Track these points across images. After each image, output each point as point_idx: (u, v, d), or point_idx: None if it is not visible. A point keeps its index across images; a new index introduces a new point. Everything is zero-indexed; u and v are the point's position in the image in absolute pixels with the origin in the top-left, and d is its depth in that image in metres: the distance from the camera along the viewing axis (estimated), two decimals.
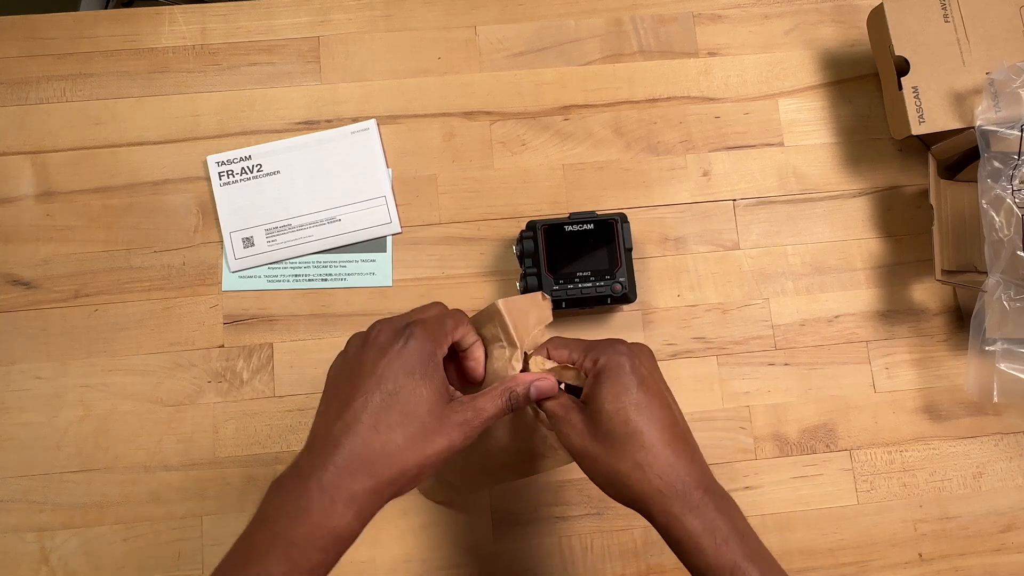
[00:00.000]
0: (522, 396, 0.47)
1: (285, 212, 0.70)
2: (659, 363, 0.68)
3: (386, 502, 0.43)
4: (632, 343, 0.50)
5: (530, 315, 0.51)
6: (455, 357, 0.50)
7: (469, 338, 0.50)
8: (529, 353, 0.51)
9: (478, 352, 0.50)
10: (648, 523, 0.47)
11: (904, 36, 0.67)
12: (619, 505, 0.65)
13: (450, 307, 0.53)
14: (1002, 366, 0.62)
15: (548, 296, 0.53)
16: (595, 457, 0.47)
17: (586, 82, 0.73)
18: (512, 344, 0.50)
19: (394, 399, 0.43)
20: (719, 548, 0.44)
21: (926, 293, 0.71)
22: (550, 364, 0.51)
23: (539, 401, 0.49)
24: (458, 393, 0.47)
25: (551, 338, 0.52)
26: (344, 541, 0.42)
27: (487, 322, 0.51)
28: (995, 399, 0.62)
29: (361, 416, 0.43)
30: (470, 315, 0.51)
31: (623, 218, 0.67)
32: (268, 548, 0.41)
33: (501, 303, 0.50)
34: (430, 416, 0.44)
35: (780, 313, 0.70)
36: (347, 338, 0.67)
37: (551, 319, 0.52)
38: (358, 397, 0.43)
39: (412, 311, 0.49)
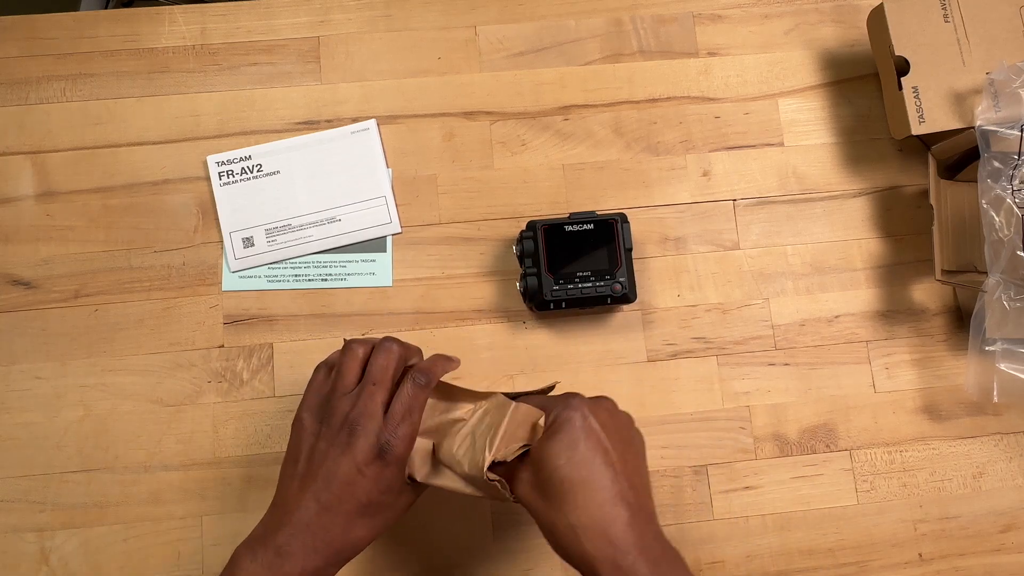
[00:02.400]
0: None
1: (285, 212, 0.70)
2: (659, 363, 0.68)
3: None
4: (593, 397, 0.51)
5: (524, 427, 0.51)
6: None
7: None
8: (496, 459, 0.50)
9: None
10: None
11: (904, 36, 0.67)
12: None
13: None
14: (1002, 366, 0.62)
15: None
16: (536, 511, 0.48)
17: (586, 82, 0.73)
18: (489, 446, 0.50)
19: (366, 508, 0.50)
20: None
21: (926, 293, 0.71)
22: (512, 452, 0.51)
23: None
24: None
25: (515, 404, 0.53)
26: None
27: (479, 399, 0.54)
28: (995, 399, 0.62)
29: (334, 516, 0.50)
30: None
31: (623, 218, 0.67)
32: None
33: (516, 406, 0.52)
34: (390, 510, 0.52)
35: (780, 313, 0.70)
36: (348, 338, 0.67)
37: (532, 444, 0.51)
38: (332, 492, 0.50)
39: (371, 383, 0.52)
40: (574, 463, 0.47)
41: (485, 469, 0.49)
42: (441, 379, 0.54)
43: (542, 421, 0.50)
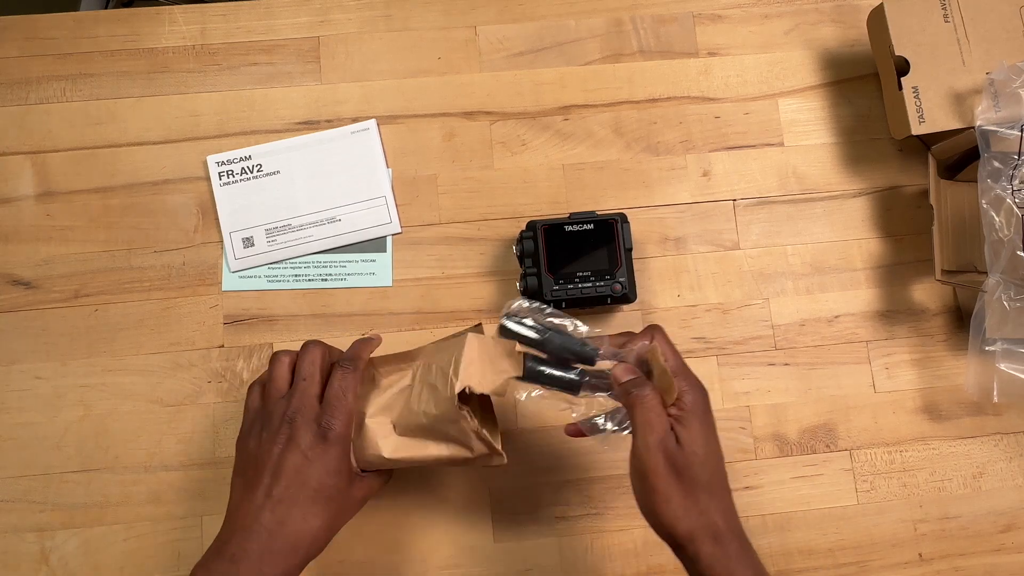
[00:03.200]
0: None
1: (285, 212, 0.70)
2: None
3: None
4: (699, 381, 0.53)
5: (497, 362, 0.53)
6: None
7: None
8: (468, 391, 0.51)
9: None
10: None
11: (904, 36, 0.67)
12: (620, 505, 0.66)
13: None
14: (1002, 366, 0.62)
15: (522, 352, 0.53)
16: (670, 495, 0.48)
17: (586, 82, 0.73)
18: (455, 375, 0.51)
19: (318, 494, 0.51)
20: None
21: (926, 293, 0.71)
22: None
23: (635, 405, 0.50)
24: (354, 465, 0.54)
25: (661, 331, 0.54)
26: None
27: (415, 357, 0.55)
28: (995, 399, 0.62)
29: (292, 509, 0.50)
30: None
31: (623, 218, 0.67)
32: None
33: (472, 337, 0.52)
34: (344, 499, 0.52)
35: (780, 313, 0.70)
36: (347, 338, 0.67)
37: (518, 373, 0.53)
38: (282, 489, 0.50)
39: (303, 378, 0.54)
40: (711, 452, 0.50)
41: (455, 394, 0.50)
42: (372, 357, 0.56)
43: (660, 362, 0.51)
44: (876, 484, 0.67)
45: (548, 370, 0.53)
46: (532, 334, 0.52)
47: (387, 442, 0.54)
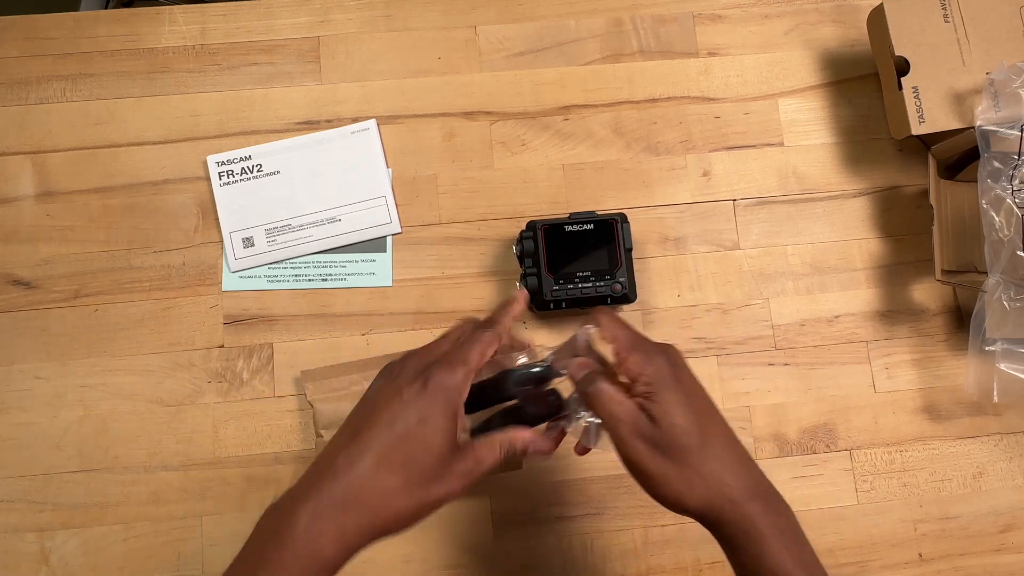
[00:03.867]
0: (519, 452, 0.47)
1: (285, 212, 0.70)
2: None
3: (375, 540, 0.44)
4: (661, 344, 0.49)
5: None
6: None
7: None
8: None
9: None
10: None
11: (904, 36, 0.67)
12: (620, 505, 0.66)
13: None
14: (1002, 366, 0.62)
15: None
16: (650, 467, 0.45)
17: (586, 82, 0.73)
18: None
19: (401, 443, 0.43)
20: (800, 547, 0.45)
21: (926, 293, 0.71)
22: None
23: (592, 404, 0.47)
24: (466, 437, 0.46)
25: (604, 312, 0.50)
26: (328, 571, 0.43)
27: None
28: (995, 399, 0.62)
29: (365, 454, 0.43)
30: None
31: (623, 218, 0.67)
32: (255, 569, 0.42)
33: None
34: (435, 464, 0.44)
35: (780, 313, 0.70)
36: (347, 338, 0.68)
37: None
38: (366, 433, 0.44)
39: (443, 340, 0.49)
40: (694, 416, 0.46)
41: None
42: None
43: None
44: (876, 484, 0.67)
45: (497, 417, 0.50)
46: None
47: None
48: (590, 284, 0.65)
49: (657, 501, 0.47)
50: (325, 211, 0.70)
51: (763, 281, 0.71)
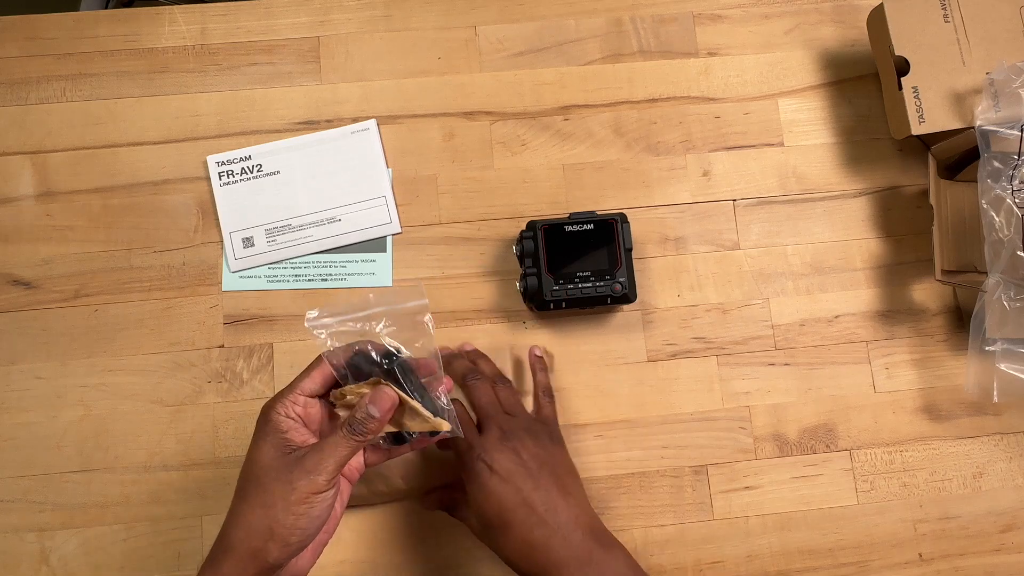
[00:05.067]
0: (362, 420, 0.49)
1: (285, 212, 0.70)
2: (659, 363, 0.68)
3: (292, 554, 0.48)
4: (499, 434, 0.57)
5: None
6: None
7: (333, 361, 0.52)
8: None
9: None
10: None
11: (904, 36, 0.67)
12: (619, 505, 0.66)
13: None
14: (1002, 366, 0.62)
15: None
16: (490, 543, 0.55)
17: (586, 82, 0.73)
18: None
19: (250, 475, 0.49)
20: None
21: (926, 293, 0.71)
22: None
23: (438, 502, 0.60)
24: (307, 443, 0.50)
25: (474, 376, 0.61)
26: None
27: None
28: (995, 399, 0.62)
29: (228, 516, 0.49)
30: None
31: (623, 218, 0.67)
32: None
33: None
34: (277, 472, 0.48)
35: (780, 313, 0.70)
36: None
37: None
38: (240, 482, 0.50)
39: None
40: (491, 507, 0.54)
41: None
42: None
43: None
44: (876, 484, 0.67)
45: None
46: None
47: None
48: (590, 284, 0.65)
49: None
50: (325, 211, 0.70)
51: (763, 281, 0.71)
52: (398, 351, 0.52)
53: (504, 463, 0.55)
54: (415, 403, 0.51)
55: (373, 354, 0.51)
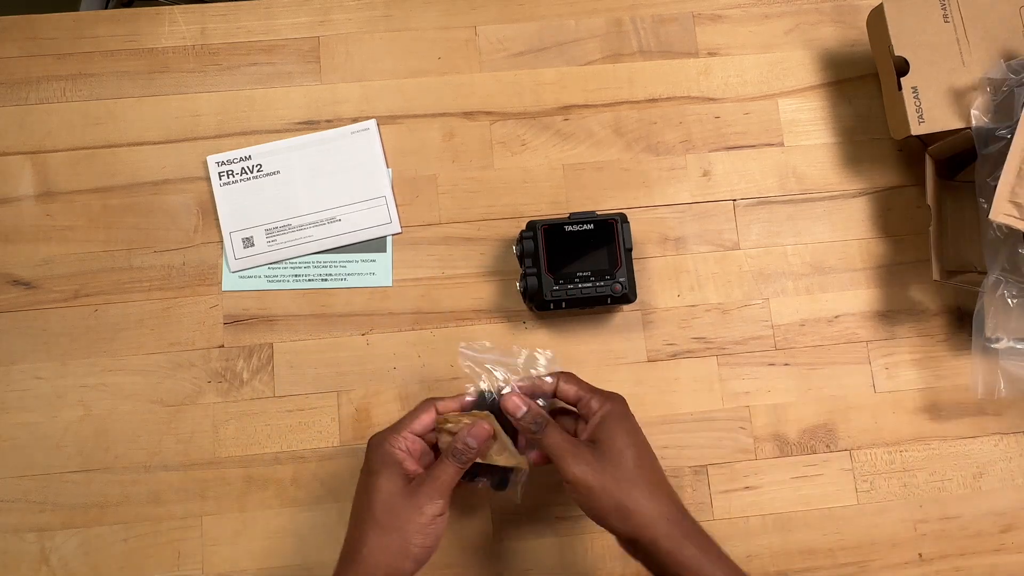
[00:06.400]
0: (462, 450, 0.54)
1: (285, 212, 0.70)
2: (659, 363, 0.69)
3: None
4: (614, 393, 0.58)
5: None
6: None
7: (442, 408, 0.58)
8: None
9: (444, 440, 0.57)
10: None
11: (904, 36, 0.67)
12: None
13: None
14: (1006, 363, 0.62)
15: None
16: (603, 488, 0.53)
17: (586, 82, 0.73)
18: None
19: (372, 505, 0.53)
20: (715, 564, 0.52)
21: (926, 293, 0.71)
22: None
23: (547, 438, 0.55)
24: (418, 472, 0.55)
25: (562, 373, 0.59)
26: None
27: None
28: (1002, 392, 0.62)
29: (351, 529, 0.54)
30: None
31: (623, 218, 0.67)
32: None
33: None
34: (399, 501, 0.53)
35: (780, 313, 0.70)
36: (347, 338, 0.68)
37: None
38: (352, 512, 0.55)
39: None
40: (640, 446, 0.55)
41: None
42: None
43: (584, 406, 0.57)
44: (876, 484, 0.67)
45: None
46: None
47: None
48: (590, 284, 0.65)
49: (591, 517, 0.54)
50: (325, 211, 0.70)
51: (763, 281, 0.71)
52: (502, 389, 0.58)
53: (636, 422, 0.57)
54: (506, 439, 0.57)
55: (486, 392, 0.58)
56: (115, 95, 0.71)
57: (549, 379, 0.58)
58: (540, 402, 0.58)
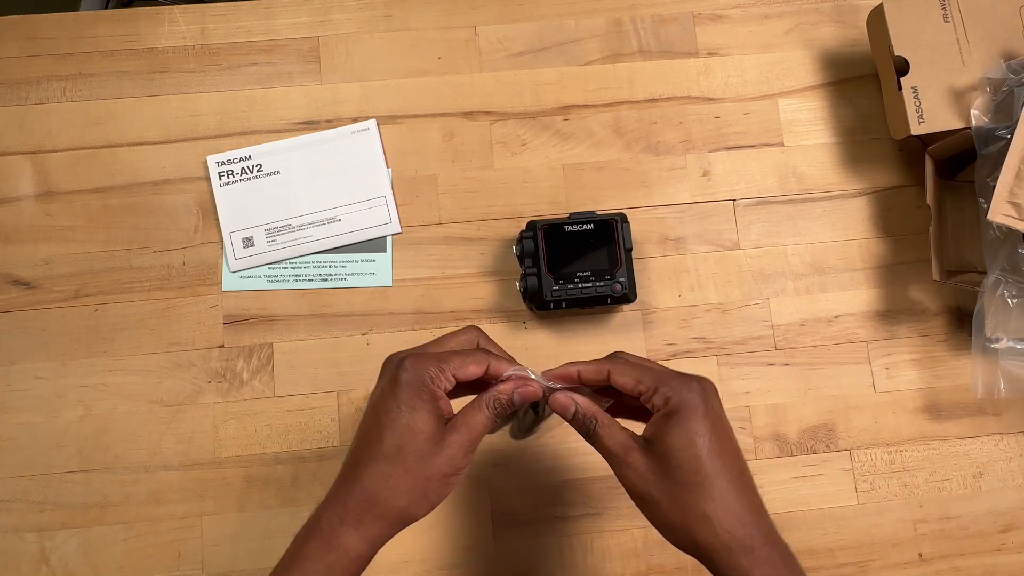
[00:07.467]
0: (506, 403, 0.48)
1: (285, 212, 0.70)
2: (659, 363, 0.68)
3: (400, 528, 0.47)
4: (700, 378, 0.48)
5: None
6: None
7: (493, 370, 0.49)
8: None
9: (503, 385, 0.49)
10: (649, 525, 0.46)
11: (904, 36, 0.67)
12: (620, 505, 0.66)
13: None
14: (1006, 363, 0.62)
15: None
16: (658, 503, 0.45)
17: (586, 82, 0.73)
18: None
19: (392, 434, 0.46)
20: None
21: (926, 293, 0.71)
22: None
23: (597, 440, 0.47)
24: (450, 414, 0.48)
25: (616, 357, 0.50)
26: (360, 563, 0.47)
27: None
28: (1002, 393, 0.62)
29: (367, 453, 0.46)
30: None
31: (623, 218, 0.67)
32: (290, 566, 0.46)
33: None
34: (427, 443, 0.46)
35: (780, 313, 0.70)
36: (347, 338, 0.68)
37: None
38: (365, 434, 0.47)
39: (439, 339, 0.50)
40: (707, 452, 0.44)
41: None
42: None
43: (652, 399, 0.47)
44: (876, 484, 0.67)
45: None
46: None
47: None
48: (590, 284, 0.65)
49: (658, 529, 0.46)
50: (325, 211, 0.70)
51: (763, 281, 0.71)
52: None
53: (717, 403, 0.47)
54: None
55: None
56: (115, 95, 0.71)
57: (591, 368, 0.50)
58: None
